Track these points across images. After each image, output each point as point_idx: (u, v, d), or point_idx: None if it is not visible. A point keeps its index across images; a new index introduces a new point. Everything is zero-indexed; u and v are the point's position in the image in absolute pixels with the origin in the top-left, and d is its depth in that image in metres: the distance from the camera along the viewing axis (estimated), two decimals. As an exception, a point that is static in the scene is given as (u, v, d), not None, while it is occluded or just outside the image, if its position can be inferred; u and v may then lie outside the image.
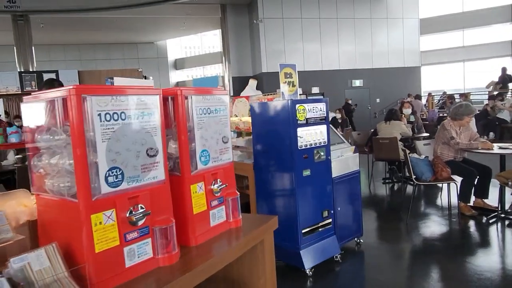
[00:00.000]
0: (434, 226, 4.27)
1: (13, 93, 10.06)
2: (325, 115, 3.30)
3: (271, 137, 3.29)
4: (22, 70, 10.45)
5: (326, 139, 3.30)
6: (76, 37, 19.44)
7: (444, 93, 16.21)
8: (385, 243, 3.97)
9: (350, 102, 14.10)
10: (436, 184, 4.97)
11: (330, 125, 3.87)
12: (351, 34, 16.25)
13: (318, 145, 3.22)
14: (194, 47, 23.33)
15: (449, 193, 4.61)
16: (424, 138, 6.46)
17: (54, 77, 10.51)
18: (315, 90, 15.71)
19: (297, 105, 3.06)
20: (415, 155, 4.60)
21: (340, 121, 9.26)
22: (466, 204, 4.46)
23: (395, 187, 6.22)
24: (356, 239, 3.78)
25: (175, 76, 23.34)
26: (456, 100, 11.47)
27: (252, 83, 5.39)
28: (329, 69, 16.01)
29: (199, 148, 1.42)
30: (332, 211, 3.38)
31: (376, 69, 16.60)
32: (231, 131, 4.16)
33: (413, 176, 4.40)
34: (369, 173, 6.42)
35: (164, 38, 21.69)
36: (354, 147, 3.76)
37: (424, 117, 11.44)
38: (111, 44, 21.20)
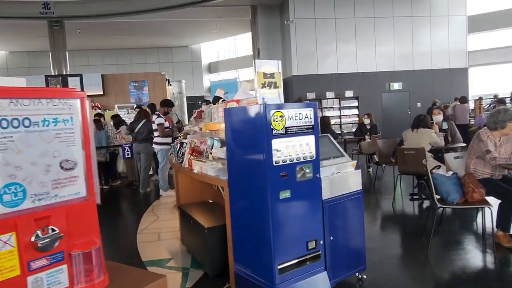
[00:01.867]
0: (462, 260, 3.48)
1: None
2: (312, 123, 2.68)
3: (243, 150, 2.73)
4: (48, 74, 10.56)
5: (314, 153, 2.68)
6: (113, 42, 19.90)
7: (495, 96, 14.66)
8: (395, 280, 3.25)
9: None
10: (465, 208, 4.14)
11: (329, 136, 3.25)
12: (389, 34, 15.20)
13: (302, 160, 2.61)
14: (228, 50, 23.15)
15: (483, 218, 3.77)
16: (463, 149, 5.58)
17: (79, 81, 10.60)
18: (349, 93, 14.83)
19: (272, 111, 2.47)
20: (440, 171, 3.82)
21: (368, 127, 8.44)
22: (505, 234, 3.63)
23: (423, 206, 5.38)
24: (357, 274, 3.10)
25: (209, 80, 23.27)
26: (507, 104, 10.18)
27: (246, 85, 4.84)
28: (365, 71, 15.06)
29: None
30: (321, 241, 2.75)
31: (417, 71, 15.40)
32: (215, 139, 3.65)
33: (437, 197, 3.63)
34: (394, 187, 5.63)
35: (197, 42, 21.68)
36: (355, 162, 3.10)
37: (468, 122, 10.28)
38: (147, 48, 21.53)
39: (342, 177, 2.95)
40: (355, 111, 14.85)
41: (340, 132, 9.14)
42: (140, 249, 4.10)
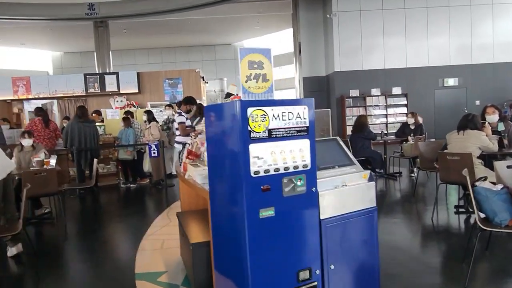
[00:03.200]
0: (511, 297, 2.76)
1: (79, 95, 10.51)
2: (306, 125, 2.16)
3: (220, 156, 2.27)
4: (87, 73, 10.79)
5: (308, 161, 2.16)
6: (158, 41, 20.26)
7: None
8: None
9: None
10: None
11: (337, 139, 2.69)
12: (444, 25, 13.86)
13: (291, 170, 2.10)
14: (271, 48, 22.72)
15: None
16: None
17: (114, 78, 10.71)
18: (397, 90, 13.75)
19: (249, 109, 1.99)
20: (486, 184, 3.09)
21: (413, 127, 7.57)
22: None
23: (470, 221, 4.57)
24: (368, 310, 2.53)
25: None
26: None
27: (232, 89, 4.35)
28: (415, 66, 13.87)
29: None
30: (318, 271, 2.22)
31: (476, 65, 13.91)
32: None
33: (480, 216, 2.93)
34: (436, 197, 4.86)
35: (240, 39, 21.46)
36: (368, 172, 2.51)
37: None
38: (191, 46, 21.69)
39: (349, 191, 2.39)
40: (403, 110, 13.74)
41: (380, 132, 8.29)
42: (137, 258, 3.80)
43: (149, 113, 7.99)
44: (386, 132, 13.26)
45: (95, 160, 6.04)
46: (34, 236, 4.98)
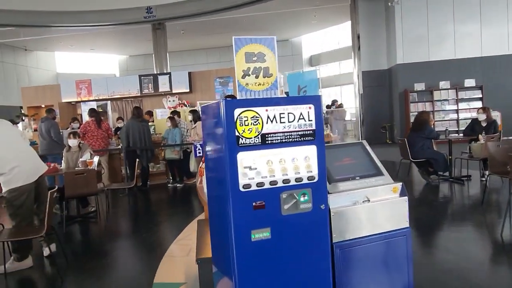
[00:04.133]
0: None
1: (134, 96, 10.88)
2: (312, 128, 1.76)
3: (210, 165, 1.95)
4: (142, 74, 11.12)
5: (315, 172, 1.76)
6: (215, 41, 20.51)
7: None
8: None
9: None
10: None
11: (364, 144, 2.24)
12: (529, 6, 12.13)
13: (293, 183, 1.72)
14: (329, 43, 21.81)
15: None
16: None
17: (167, 79, 10.89)
18: (470, 83, 12.32)
19: (237, 111, 1.64)
20: None
21: (484, 124, 6.58)
22: None
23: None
24: None
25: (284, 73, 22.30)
26: None
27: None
28: (493, 55, 12.31)
29: None
30: (329, 306, 1.81)
31: None
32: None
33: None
34: (508, 209, 4.08)
35: (298, 35, 20.90)
36: (399, 184, 2.02)
37: None
38: (248, 45, 21.63)
39: (373, 207, 1.93)
40: (478, 104, 12.26)
41: (445, 130, 7.34)
42: (161, 265, 3.63)
43: (194, 112, 7.94)
44: (457, 129, 11.98)
45: (137, 160, 6.09)
46: (76, 234, 5.10)
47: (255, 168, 1.67)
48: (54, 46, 18.81)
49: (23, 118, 10.06)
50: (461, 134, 7.75)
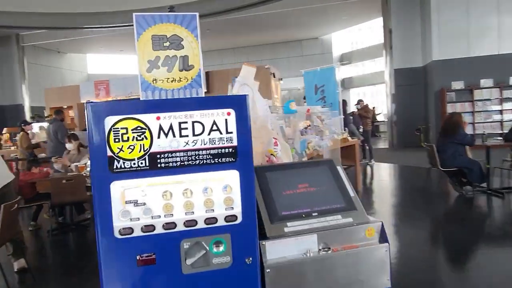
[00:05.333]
0: None
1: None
2: (233, 144, 1.18)
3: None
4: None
5: (237, 209, 1.19)
6: (243, 40, 20.11)
7: None
8: None
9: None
10: None
11: (334, 163, 1.63)
12: None
13: (202, 226, 1.16)
14: (361, 40, 20.76)
15: None
16: None
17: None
18: (516, 81, 11.05)
19: (109, 120, 1.10)
20: None
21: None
22: None
23: None
24: None
25: (341, 72, 21.38)
26: None
27: (247, 70, 3.34)
28: (545, 50, 10.98)
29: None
30: None
31: None
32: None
33: None
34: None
35: (328, 32, 20.03)
36: (378, 224, 1.40)
37: None
38: (276, 43, 21.05)
39: (335, 260, 1.32)
40: (527, 104, 10.99)
41: (483, 134, 6.40)
42: None
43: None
44: (500, 132, 10.76)
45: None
46: (59, 244, 4.78)
47: (143, 204, 1.13)
48: (85, 48, 19.17)
49: (37, 119, 10.10)
50: (502, 139, 6.76)
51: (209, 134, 1.16)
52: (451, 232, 4.21)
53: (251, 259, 1.19)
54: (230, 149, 1.18)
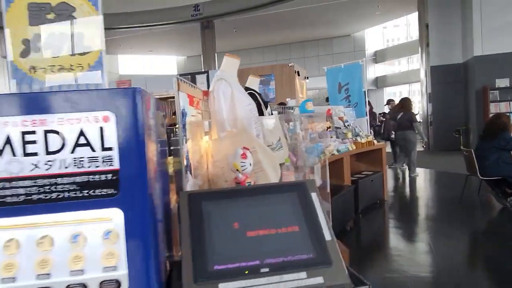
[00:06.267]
0: None
1: (172, 96, 10.40)
2: (114, 167, 0.74)
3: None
4: (181, 74, 10.61)
5: (123, 270, 0.74)
6: (272, 38, 19.65)
7: None
8: None
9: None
10: None
11: (307, 186, 1.14)
12: None
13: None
14: (396, 38, 19.71)
15: None
16: None
17: (205, 78, 10.26)
18: None
19: None
20: None
21: None
22: None
23: None
24: None
25: (375, 71, 20.41)
26: None
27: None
28: None
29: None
30: None
31: None
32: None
33: None
34: None
35: (360, 29, 19.15)
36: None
37: None
38: (306, 41, 20.42)
39: None
40: None
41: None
42: None
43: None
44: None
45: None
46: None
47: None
48: (115, 49, 19.45)
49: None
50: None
51: (73, 151, 0.73)
52: (493, 253, 3.57)
53: None
54: (109, 175, 0.74)
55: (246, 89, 3.15)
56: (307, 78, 11.45)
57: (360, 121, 6.27)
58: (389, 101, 9.30)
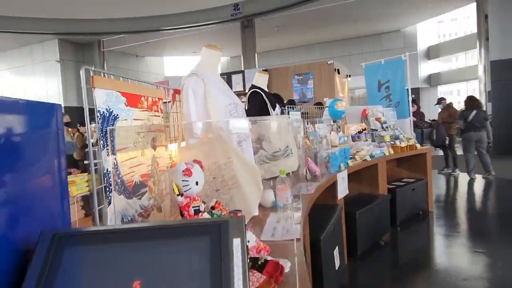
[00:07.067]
0: None
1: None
2: None
3: None
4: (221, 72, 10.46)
5: None
6: (315, 36, 19.06)
7: None
8: None
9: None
10: None
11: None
12: None
13: None
14: (453, 32, 18.24)
15: None
16: None
17: (241, 78, 10.00)
18: None
19: None
20: None
21: None
22: None
23: None
24: None
25: (427, 68, 19.06)
26: None
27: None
28: None
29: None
30: None
31: None
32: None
33: None
34: None
35: (412, 23, 17.95)
36: None
37: None
38: (349, 39, 19.58)
39: None
40: None
41: None
42: None
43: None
44: None
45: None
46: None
47: None
48: (160, 51, 19.92)
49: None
50: None
51: None
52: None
53: None
54: None
55: (251, 87, 2.80)
56: (349, 76, 10.81)
57: (402, 123, 5.65)
58: (440, 100, 8.45)
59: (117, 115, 1.14)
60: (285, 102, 7.26)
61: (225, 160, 1.50)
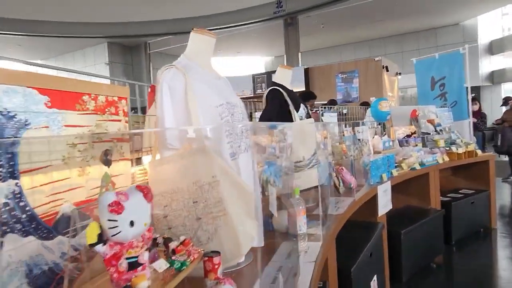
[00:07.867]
0: None
1: (247, 96, 9.97)
2: None
3: None
4: (256, 74, 10.15)
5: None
6: (364, 33, 18.14)
7: None
8: None
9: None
10: None
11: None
12: None
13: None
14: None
15: None
16: None
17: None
18: None
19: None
20: None
21: None
22: None
23: None
24: None
25: (490, 64, 17.41)
26: None
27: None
28: None
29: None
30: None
31: None
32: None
33: None
34: None
35: (472, 16, 16.45)
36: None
37: None
38: (402, 34, 18.37)
39: None
40: None
41: None
42: None
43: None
44: None
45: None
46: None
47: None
48: (205, 52, 20.01)
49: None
50: None
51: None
52: None
53: None
54: None
55: (271, 84, 2.39)
56: (399, 74, 10.01)
57: (460, 125, 4.95)
58: (508, 100, 7.49)
59: (27, 120, 0.81)
60: (325, 102, 6.75)
61: (209, 179, 1.12)
